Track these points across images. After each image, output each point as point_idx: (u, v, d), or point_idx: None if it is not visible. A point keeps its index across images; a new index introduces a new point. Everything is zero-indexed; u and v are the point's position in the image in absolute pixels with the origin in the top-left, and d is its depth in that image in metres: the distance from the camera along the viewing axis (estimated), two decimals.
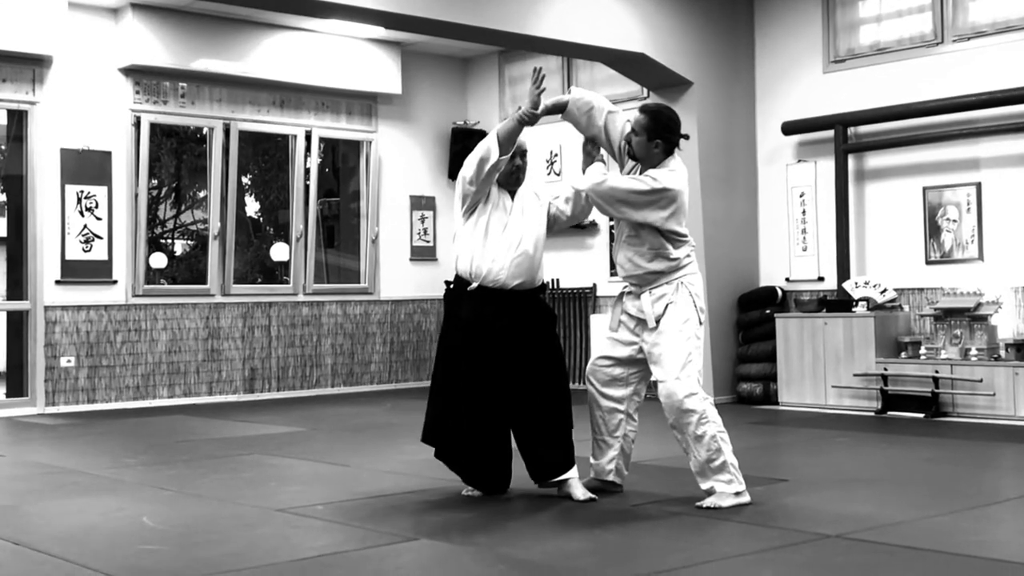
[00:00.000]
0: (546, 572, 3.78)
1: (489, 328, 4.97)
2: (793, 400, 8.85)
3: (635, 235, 4.94)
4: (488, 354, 4.96)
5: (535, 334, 5.04)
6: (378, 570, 3.84)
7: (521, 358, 4.98)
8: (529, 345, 5.01)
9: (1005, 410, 7.71)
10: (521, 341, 4.99)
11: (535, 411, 5.00)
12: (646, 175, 4.91)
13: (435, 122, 11.95)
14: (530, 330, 5.02)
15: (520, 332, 5.00)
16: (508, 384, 4.98)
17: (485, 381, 4.96)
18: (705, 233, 9.25)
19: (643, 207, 4.85)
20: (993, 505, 4.93)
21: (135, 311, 10.03)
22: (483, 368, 4.96)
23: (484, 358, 4.96)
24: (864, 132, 9.09)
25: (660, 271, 4.90)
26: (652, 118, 4.97)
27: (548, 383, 5.01)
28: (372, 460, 6.42)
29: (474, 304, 5.01)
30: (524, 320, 5.02)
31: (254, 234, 14.70)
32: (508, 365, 4.97)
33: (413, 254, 11.77)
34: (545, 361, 5.03)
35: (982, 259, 8.39)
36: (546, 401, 4.99)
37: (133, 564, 3.97)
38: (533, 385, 4.99)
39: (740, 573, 3.73)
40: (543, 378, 5.01)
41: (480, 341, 4.97)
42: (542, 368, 5.02)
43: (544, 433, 4.99)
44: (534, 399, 4.99)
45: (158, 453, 6.90)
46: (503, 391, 4.98)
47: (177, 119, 10.49)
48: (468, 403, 4.97)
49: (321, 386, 11.08)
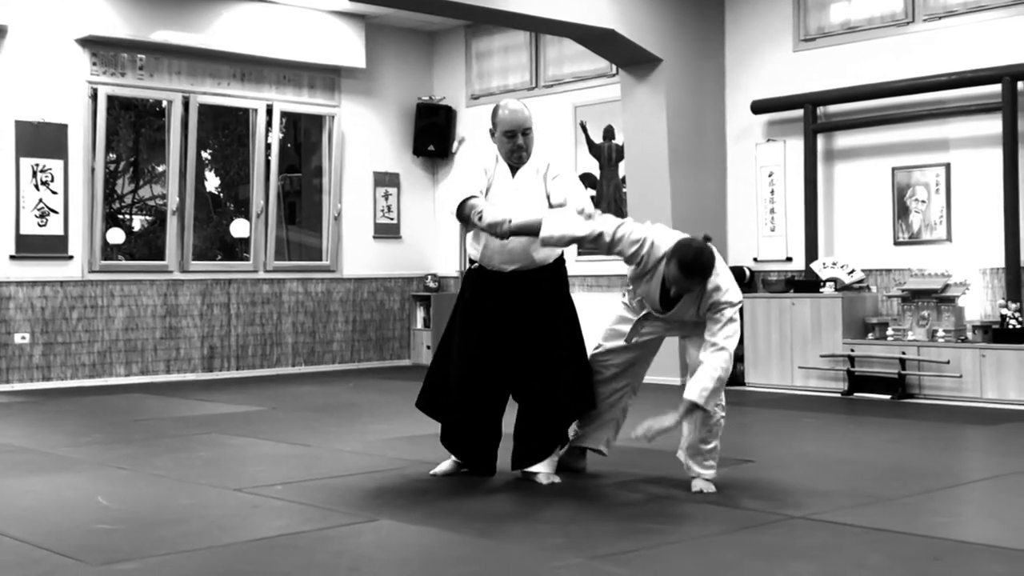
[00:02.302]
0: (507, 553, 3.71)
1: (485, 309, 4.83)
2: (760, 381, 8.80)
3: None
4: (482, 334, 4.82)
5: (536, 318, 4.82)
6: (338, 550, 3.75)
7: (517, 336, 4.82)
8: (528, 324, 4.81)
9: (971, 392, 7.69)
10: (518, 325, 4.81)
11: (527, 396, 4.86)
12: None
13: (400, 97, 11.78)
14: (530, 314, 4.82)
15: (518, 315, 4.81)
16: (499, 359, 4.82)
17: (477, 359, 4.82)
18: (673, 213, 9.17)
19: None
20: (958, 486, 4.91)
21: (91, 287, 9.83)
22: (476, 347, 4.82)
23: (478, 338, 4.82)
24: (834, 112, 9.03)
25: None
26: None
27: (544, 369, 4.81)
28: (333, 440, 6.31)
29: (475, 283, 4.93)
30: (525, 298, 4.82)
31: (214, 210, 14.49)
32: (502, 347, 4.81)
33: (376, 231, 11.61)
34: (544, 346, 4.82)
35: (950, 240, 8.36)
36: (540, 387, 4.81)
37: (87, 544, 3.88)
38: (528, 369, 4.82)
39: (704, 554, 3.67)
40: (538, 363, 4.81)
41: (476, 321, 4.84)
42: (538, 353, 4.82)
43: (527, 419, 4.85)
44: (528, 384, 4.83)
45: (114, 432, 6.78)
46: (496, 372, 4.83)
47: (135, 92, 10.28)
48: (459, 379, 4.84)
49: (281, 365, 10.92)
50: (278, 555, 3.69)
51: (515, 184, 4.86)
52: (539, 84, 10.98)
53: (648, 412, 4.66)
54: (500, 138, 4.88)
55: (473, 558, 3.67)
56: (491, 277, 4.87)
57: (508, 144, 4.85)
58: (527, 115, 4.89)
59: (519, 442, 4.89)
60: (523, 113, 4.88)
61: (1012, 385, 7.52)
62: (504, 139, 4.86)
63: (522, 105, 4.93)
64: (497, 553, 3.73)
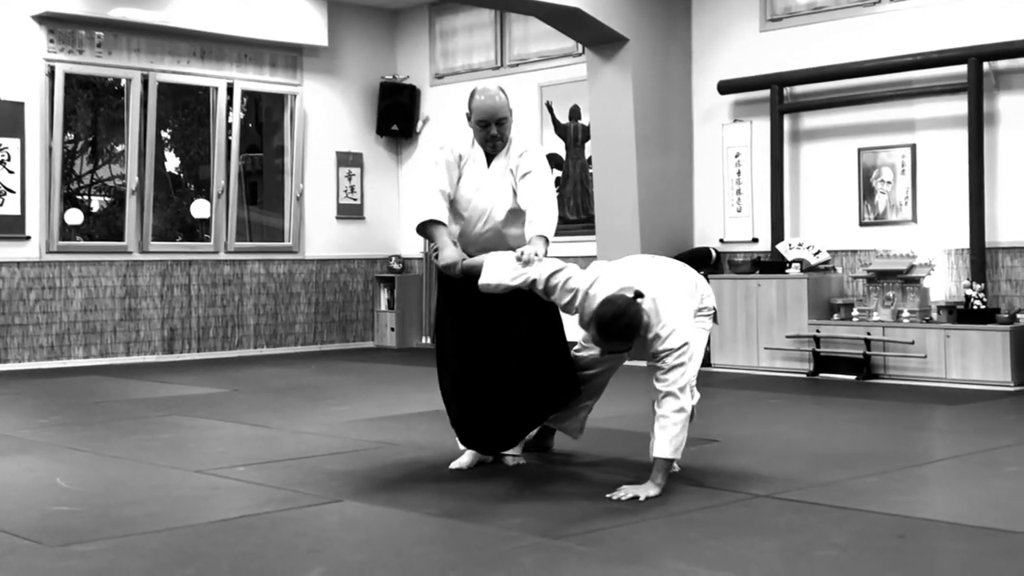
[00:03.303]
0: (471, 533, 3.66)
1: (465, 294, 4.66)
2: (726, 362, 8.78)
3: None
4: (464, 318, 4.70)
5: (515, 307, 4.65)
6: (300, 531, 3.69)
7: (497, 321, 4.67)
8: (508, 319, 4.66)
9: (936, 372, 7.70)
10: (498, 315, 4.66)
11: (507, 384, 4.68)
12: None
13: (363, 76, 11.65)
14: (509, 304, 4.64)
15: (497, 306, 4.64)
16: (486, 345, 4.69)
17: (463, 343, 4.71)
18: (640, 194, 9.13)
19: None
20: (923, 466, 4.91)
21: (49, 268, 9.66)
22: (461, 330, 4.71)
23: (461, 321, 4.70)
24: (800, 92, 9.00)
25: None
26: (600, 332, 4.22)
27: (525, 358, 4.67)
28: (295, 422, 6.23)
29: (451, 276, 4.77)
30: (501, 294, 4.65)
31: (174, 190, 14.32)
32: (481, 327, 4.68)
33: (340, 212, 11.49)
34: (524, 325, 4.68)
35: (916, 221, 8.36)
36: (520, 376, 4.67)
37: (45, 525, 3.81)
38: (509, 359, 4.68)
39: (669, 532, 3.64)
40: (519, 343, 4.68)
41: (457, 305, 4.71)
42: (520, 332, 4.68)
43: (505, 407, 4.69)
44: (508, 373, 4.68)
45: (73, 414, 6.68)
46: (480, 357, 4.69)
47: (93, 69, 10.11)
48: (451, 362, 4.74)
49: (243, 347, 10.80)
50: (239, 536, 3.63)
51: (488, 176, 4.67)
52: (504, 63, 10.89)
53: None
54: (474, 125, 4.67)
55: (436, 538, 3.63)
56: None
57: (481, 133, 4.66)
58: (501, 102, 4.63)
59: (495, 428, 4.74)
60: (496, 100, 4.62)
61: (976, 365, 7.54)
62: (478, 127, 4.66)
63: (498, 91, 4.67)
64: (461, 533, 3.68)
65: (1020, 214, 7.92)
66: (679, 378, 4.19)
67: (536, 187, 4.61)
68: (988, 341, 7.49)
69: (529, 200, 4.57)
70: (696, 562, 3.27)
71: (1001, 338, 7.44)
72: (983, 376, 7.50)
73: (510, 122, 4.68)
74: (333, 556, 3.39)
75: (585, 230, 9.98)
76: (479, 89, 4.69)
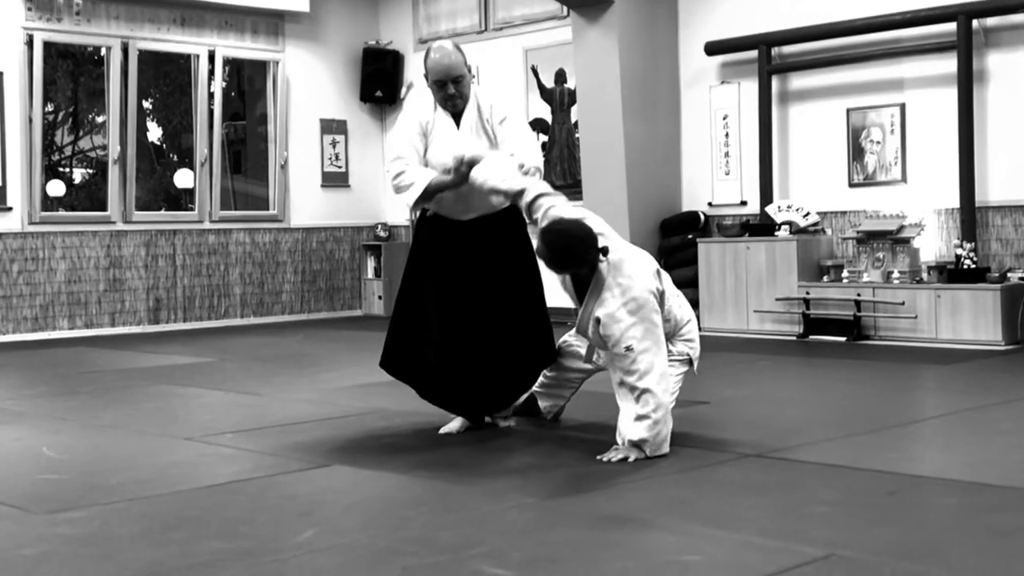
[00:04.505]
0: (461, 495, 3.63)
1: (444, 257, 4.61)
2: (715, 325, 8.74)
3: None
4: (443, 279, 4.60)
5: (499, 257, 4.62)
6: (289, 495, 3.65)
7: (481, 282, 4.60)
8: (492, 269, 4.60)
9: (927, 332, 7.68)
10: (482, 265, 4.60)
11: (489, 341, 4.61)
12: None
13: (346, 42, 11.52)
14: (494, 254, 4.61)
15: (482, 256, 4.60)
16: (469, 307, 4.60)
17: (441, 306, 4.60)
18: (627, 157, 9.06)
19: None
20: (912, 424, 4.89)
21: (32, 239, 9.57)
22: (438, 293, 4.60)
23: (439, 283, 4.61)
24: (788, 52, 8.93)
25: None
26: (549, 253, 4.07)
27: (507, 312, 4.61)
28: (283, 390, 6.18)
29: (433, 229, 4.67)
30: (486, 244, 4.60)
31: (157, 161, 14.18)
32: (468, 288, 4.60)
33: (324, 180, 11.40)
34: (508, 286, 4.62)
35: (905, 181, 8.32)
36: (505, 336, 4.60)
37: (32, 493, 3.78)
38: (492, 312, 4.60)
39: (659, 492, 3.61)
40: (501, 306, 4.61)
41: (435, 267, 4.62)
42: (504, 294, 4.61)
43: (492, 369, 4.61)
44: (490, 329, 4.60)
45: (59, 384, 6.63)
46: (464, 314, 4.60)
47: (72, 38, 9.98)
48: (429, 328, 4.61)
49: (230, 317, 10.72)
50: (227, 501, 3.59)
51: (459, 135, 4.56)
52: (489, 27, 10.78)
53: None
54: (432, 86, 4.54)
55: (425, 500, 3.59)
56: (447, 225, 4.65)
57: (440, 93, 4.53)
58: (456, 60, 4.49)
59: (485, 391, 4.68)
60: (451, 58, 4.48)
61: (967, 325, 7.52)
62: (435, 87, 4.53)
63: (454, 49, 4.53)
64: (450, 495, 3.64)
65: (1010, 173, 7.88)
66: (648, 369, 4.00)
67: (518, 131, 4.56)
68: (978, 300, 7.47)
69: (514, 146, 4.49)
70: (688, 520, 3.24)
71: (992, 297, 7.42)
72: (974, 336, 7.48)
73: (468, 80, 4.55)
74: (324, 518, 3.35)
75: (572, 195, 9.85)
76: (434, 47, 4.56)
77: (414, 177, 4.51)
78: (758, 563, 2.81)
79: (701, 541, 3.04)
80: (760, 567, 2.76)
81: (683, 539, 3.06)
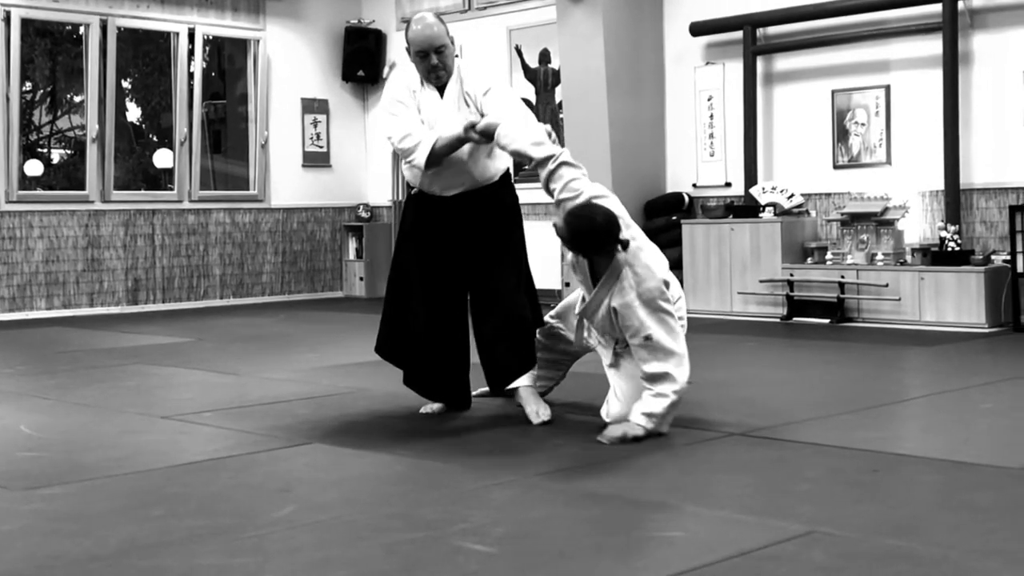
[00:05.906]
0: (442, 473, 3.59)
1: (432, 232, 4.54)
2: (699, 307, 8.71)
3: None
4: (432, 259, 4.53)
5: (486, 233, 4.54)
6: (269, 472, 3.62)
7: (469, 259, 4.54)
8: (479, 245, 4.53)
9: (910, 315, 7.67)
10: (468, 243, 4.53)
11: (488, 312, 4.54)
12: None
13: (327, 20, 11.42)
14: (480, 230, 4.53)
15: (468, 233, 4.53)
16: (457, 288, 4.56)
17: (431, 287, 4.54)
18: (611, 138, 9.01)
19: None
20: (895, 404, 4.89)
21: (9, 219, 9.46)
22: (428, 274, 4.53)
23: (428, 263, 4.54)
24: (773, 33, 8.89)
25: None
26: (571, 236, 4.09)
27: (502, 281, 4.53)
28: (263, 369, 6.13)
29: (418, 208, 4.59)
30: (472, 221, 4.52)
31: (136, 141, 14.07)
32: (455, 268, 4.54)
33: (305, 160, 11.31)
34: (498, 259, 4.54)
35: (890, 163, 8.30)
36: (500, 300, 4.52)
37: (10, 470, 3.75)
38: (485, 286, 4.54)
39: (644, 471, 3.59)
40: (496, 277, 4.53)
41: (423, 246, 4.55)
42: (494, 267, 4.54)
43: (496, 334, 4.52)
44: (486, 300, 4.55)
45: (37, 364, 6.57)
46: (451, 297, 4.56)
47: (50, 15, 9.86)
48: (415, 311, 4.53)
49: (209, 297, 10.64)
50: (207, 478, 3.55)
51: (443, 107, 4.49)
52: (472, 6, 10.70)
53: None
54: (414, 58, 4.47)
55: (407, 477, 3.56)
56: (431, 203, 4.58)
57: (423, 65, 4.45)
58: (438, 31, 4.42)
59: (495, 357, 4.54)
60: (434, 29, 4.41)
61: (950, 307, 7.51)
62: (418, 60, 4.46)
63: (435, 20, 4.46)
64: (433, 473, 3.60)
65: (995, 155, 7.87)
66: (669, 354, 4.01)
67: (507, 100, 4.46)
68: (962, 283, 7.46)
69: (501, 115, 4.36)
70: (671, 497, 3.22)
71: (975, 279, 7.41)
72: (957, 318, 7.47)
73: (451, 51, 4.47)
74: (304, 495, 3.31)
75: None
76: (415, 19, 4.49)
77: (419, 137, 4.42)
78: (740, 539, 2.78)
79: (684, 518, 3.03)
80: (741, 543, 2.74)
81: (666, 516, 3.05)
